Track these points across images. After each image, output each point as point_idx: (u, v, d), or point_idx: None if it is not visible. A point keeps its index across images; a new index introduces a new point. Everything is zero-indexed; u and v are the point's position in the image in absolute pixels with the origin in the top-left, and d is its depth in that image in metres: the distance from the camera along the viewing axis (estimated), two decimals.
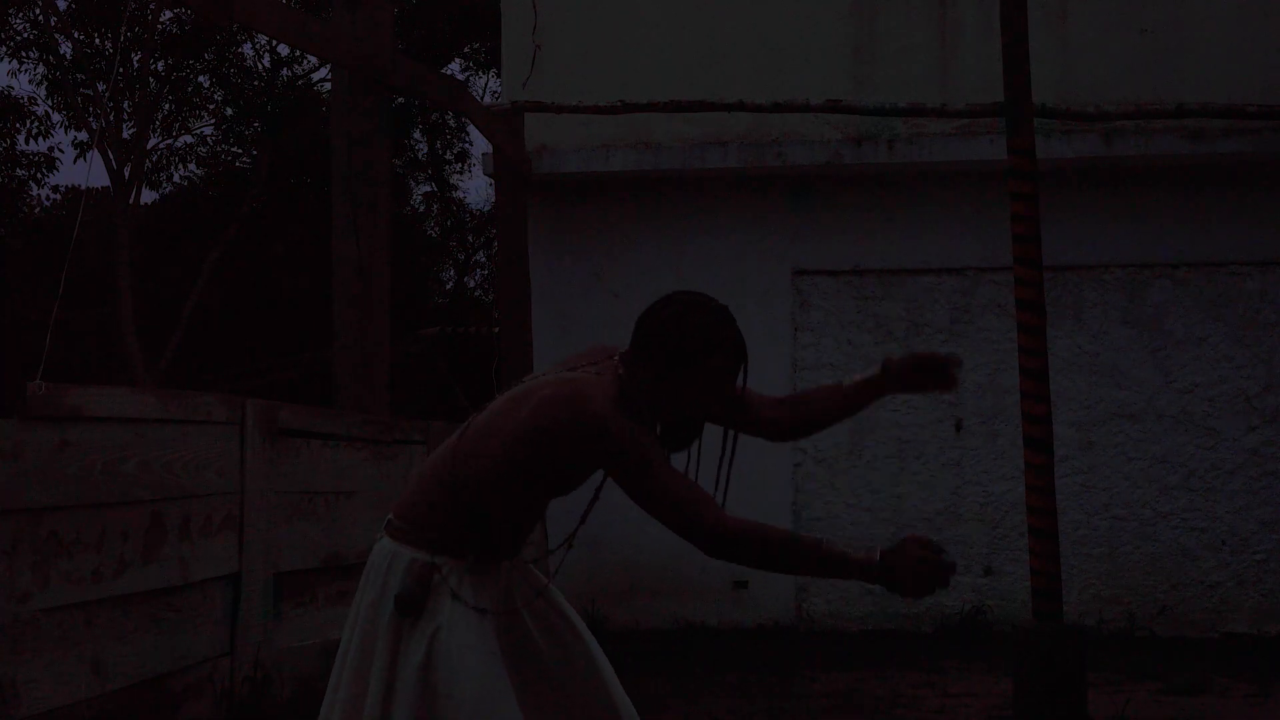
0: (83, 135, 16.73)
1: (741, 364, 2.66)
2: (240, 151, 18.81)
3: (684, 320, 2.62)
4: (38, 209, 20.00)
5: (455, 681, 2.56)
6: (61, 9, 16.71)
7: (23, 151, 17.45)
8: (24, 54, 16.91)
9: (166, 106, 17.64)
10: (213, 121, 18.28)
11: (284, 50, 17.98)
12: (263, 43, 17.77)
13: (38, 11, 16.70)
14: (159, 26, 16.58)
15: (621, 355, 2.69)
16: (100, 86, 16.43)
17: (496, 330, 10.88)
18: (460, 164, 20.16)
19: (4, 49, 16.86)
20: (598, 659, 2.84)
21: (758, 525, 2.51)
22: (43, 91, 17.55)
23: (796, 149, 8.30)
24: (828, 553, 2.45)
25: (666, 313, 2.65)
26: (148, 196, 18.95)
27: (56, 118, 17.29)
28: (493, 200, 11.88)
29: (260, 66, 18.19)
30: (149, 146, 17.36)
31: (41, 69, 16.95)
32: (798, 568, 2.51)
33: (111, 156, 16.42)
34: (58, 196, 19.85)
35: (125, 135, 16.86)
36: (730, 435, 2.81)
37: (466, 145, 19.94)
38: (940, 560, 2.40)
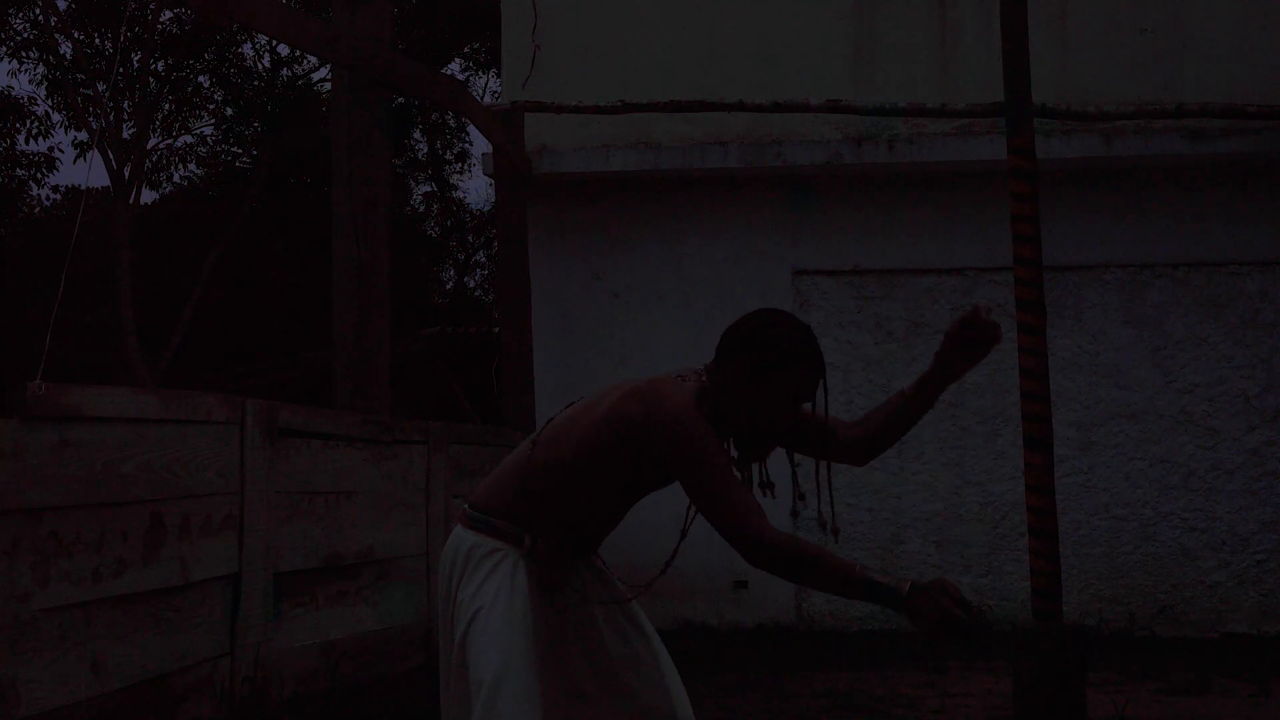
0: (83, 135, 16.73)
1: (820, 377, 2.73)
2: (240, 151, 18.82)
3: (767, 330, 2.71)
4: (38, 209, 20.01)
5: (481, 659, 2.66)
6: (61, 9, 16.71)
7: (23, 151, 17.45)
8: (24, 54, 16.91)
9: (166, 106, 17.64)
10: (213, 121, 18.29)
11: (284, 50, 17.99)
12: (263, 43, 17.78)
13: (38, 11, 16.70)
14: (159, 26, 16.57)
15: (706, 365, 2.79)
16: (100, 86, 16.43)
17: (496, 330, 10.87)
18: (460, 164, 20.18)
19: (4, 49, 16.87)
20: (666, 675, 2.90)
21: (798, 542, 2.59)
22: (43, 91, 17.58)
23: (796, 149, 8.30)
24: (860, 577, 2.53)
25: (753, 323, 2.74)
26: (148, 196, 18.97)
27: (56, 118, 17.32)
28: (493, 200, 11.88)
29: (260, 66, 18.20)
30: (149, 146, 17.36)
31: (41, 69, 16.96)
32: (828, 586, 2.59)
33: (111, 156, 16.41)
34: (58, 196, 19.85)
35: (125, 135, 16.85)
36: (824, 466, 2.91)
37: (466, 145, 19.95)
38: (962, 618, 2.44)
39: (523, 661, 2.66)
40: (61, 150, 21.13)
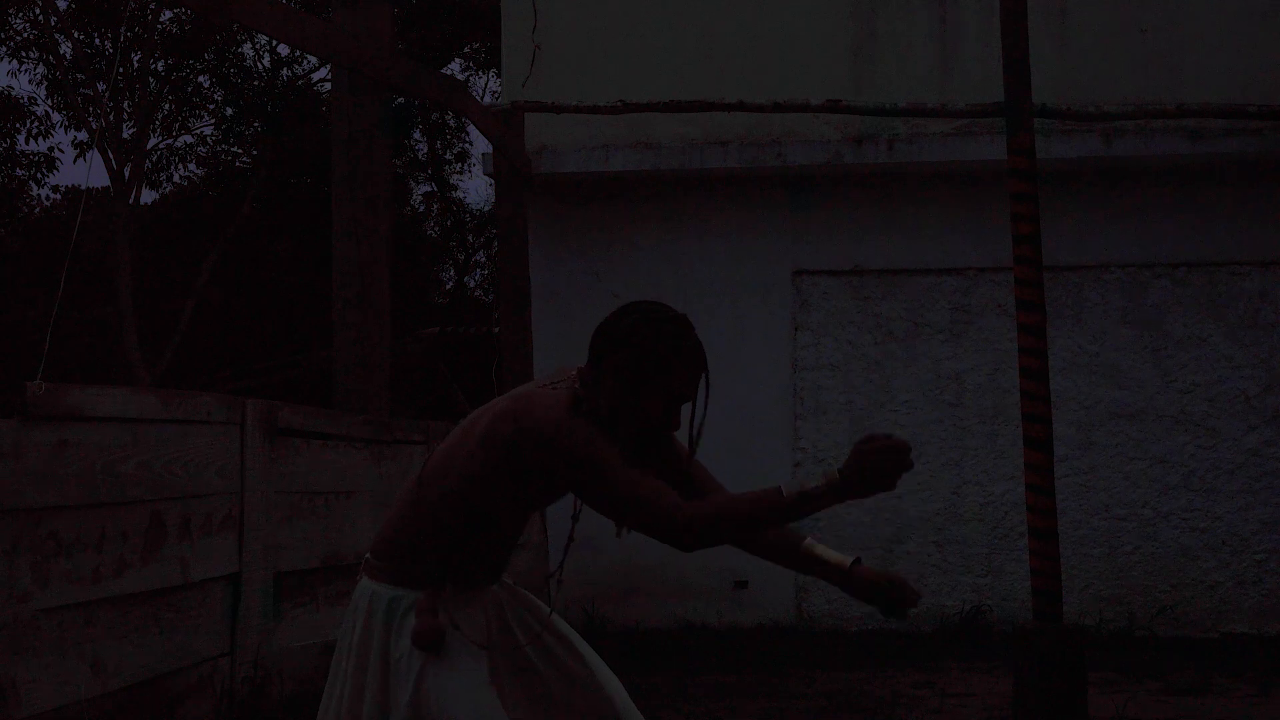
0: (83, 135, 16.73)
1: (701, 372, 2.61)
2: (240, 151, 18.81)
3: (645, 326, 2.57)
4: (38, 209, 20.00)
5: (447, 710, 2.54)
6: (61, 9, 16.71)
7: (23, 151, 17.44)
8: (24, 54, 16.91)
9: (166, 106, 17.64)
10: (213, 121, 18.27)
11: (284, 50, 17.99)
12: (263, 43, 17.77)
13: (38, 11, 16.70)
14: (159, 26, 16.57)
15: (579, 369, 2.67)
16: (100, 86, 16.43)
17: (496, 330, 10.88)
18: (460, 164, 20.14)
19: (4, 49, 16.86)
20: (602, 680, 2.81)
21: (715, 501, 2.49)
22: (43, 91, 17.58)
23: (796, 149, 8.30)
24: (791, 498, 2.41)
25: (625, 322, 2.60)
26: (148, 196, 18.95)
27: (56, 118, 17.30)
28: (493, 200, 11.88)
29: (260, 66, 18.19)
30: (149, 146, 17.36)
31: (41, 69, 16.95)
32: (769, 523, 2.48)
33: (111, 156, 16.41)
34: (58, 196, 19.84)
35: (125, 135, 16.86)
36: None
37: (466, 145, 19.93)
38: (891, 444, 2.33)
39: (489, 697, 2.58)
40: (61, 150, 21.09)
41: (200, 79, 17.69)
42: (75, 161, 18.90)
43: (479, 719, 2.53)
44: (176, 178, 18.47)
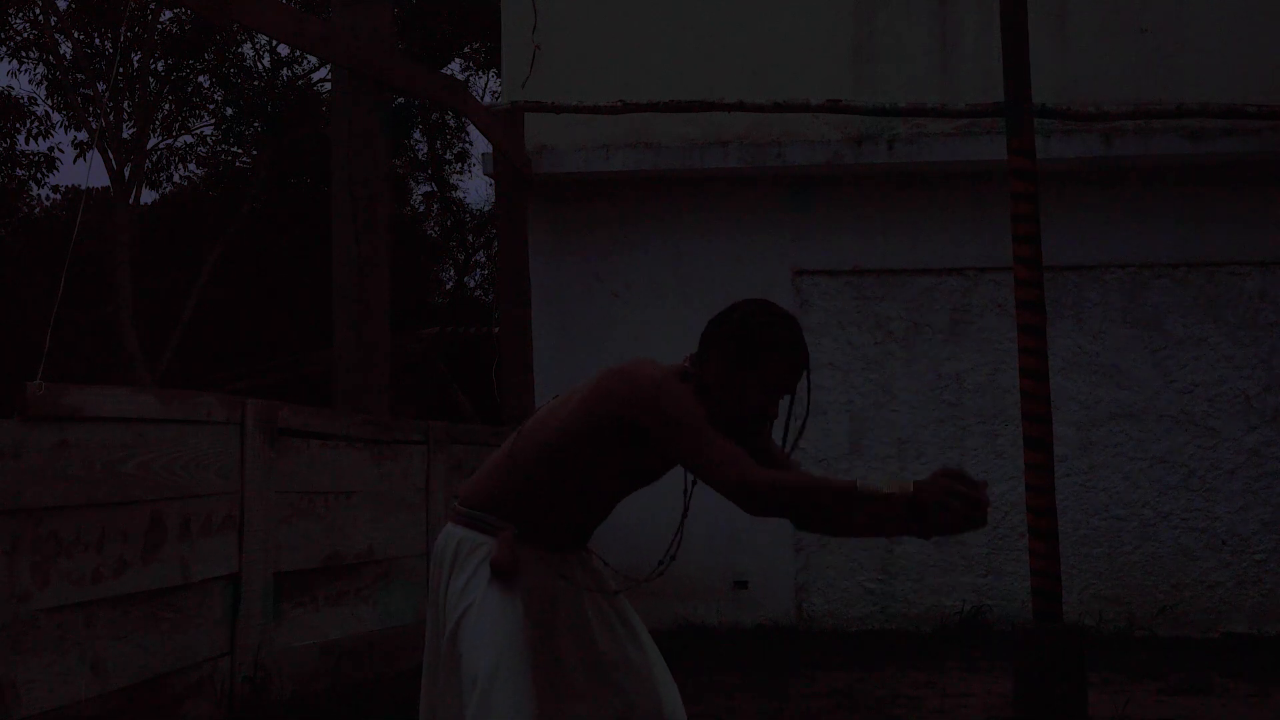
0: (83, 135, 16.73)
1: (803, 368, 2.70)
2: (240, 151, 18.80)
3: (752, 319, 2.70)
4: (38, 209, 20.00)
5: (474, 653, 2.65)
6: (61, 9, 16.70)
7: (23, 151, 17.44)
8: (24, 54, 16.90)
9: (166, 106, 17.63)
10: (213, 121, 18.26)
11: (284, 50, 17.98)
12: (263, 43, 17.77)
13: (38, 11, 16.70)
14: (159, 26, 16.57)
15: (689, 356, 2.78)
16: (100, 86, 16.43)
17: (496, 330, 10.87)
18: (460, 164, 20.15)
19: (4, 49, 16.86)
20: (656, 674, 2.89)
21: (793, 476, 2.58)
22: (43, 91, 17.57)
23: (796, 149, 8.30)
24: (863, 492, 2.46)
25: (736, 313, 2.73)
26: (148, 196, 18.95)
27: (56, 118, 17.30)
28: (493, 200, 11.87)
29: (260, 66, 18.18)
30: (149, 146, 17.35)
31: (41, 69, 16.94)
32: (834, 512, 2.56)
33: (111, 156, 16.41)
34: (58, 196, 19.84)
35: (125, 135, 16.85)
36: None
37: (466, 145, 19.93)
38: (975, 494, 2.36)
39: (515, 657, 2.66)
40: (61, 150, 21.12)
41: (200, 79, 17.69)
42: (75, 161, 18.91)
43: (495, 658, 2.63)
44: (176, 178, 18.49)
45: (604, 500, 2.86)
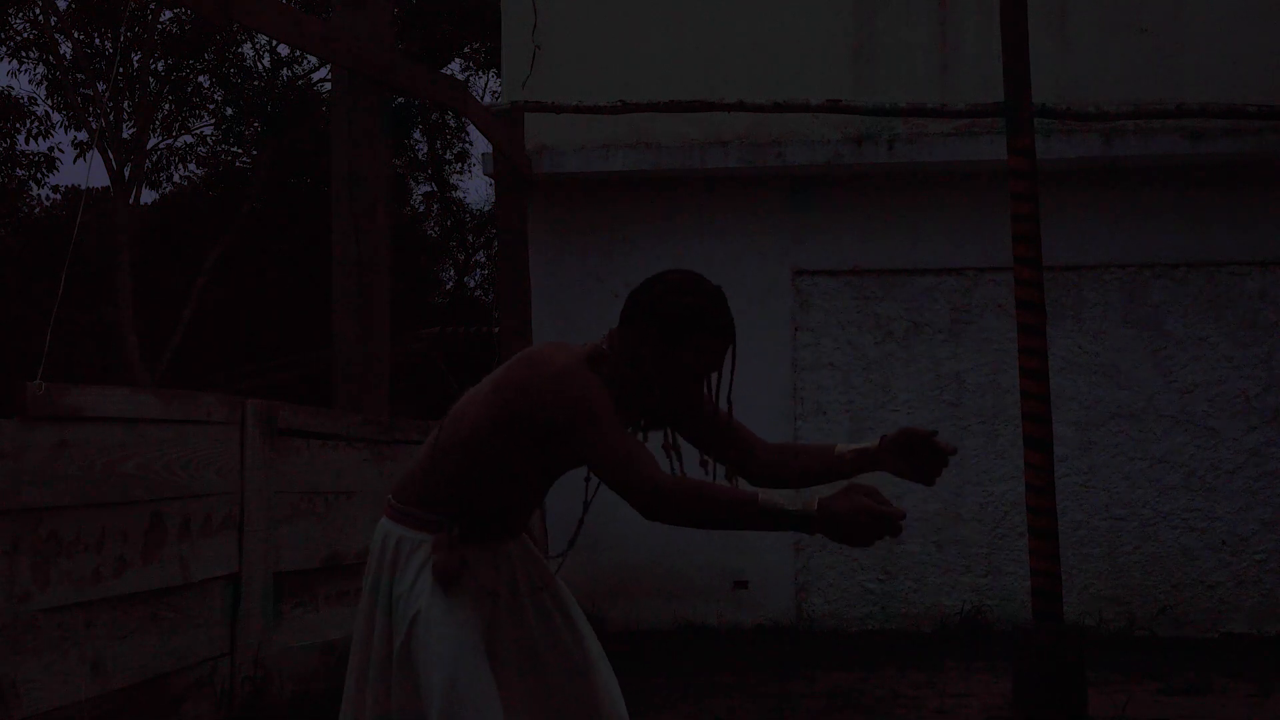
0: (83, 135, 16.73)
1: (729, 345, 2.60)
2: (240, 151, 18.80)
3: (676, 294, 2.57)
4: (38, 209, 19.99)
5: (429, 666, 2.58)
6: (61, 9, 16.70)
7: (23, 151, 17.44)
8: (24, 54, 16.90)
9: (166, 106, 17.63)
10: (213, 121, 18.27)
11: (284, 50, 17.98)
12: (263, 43, 17.77)
13: (38, 11, 16.70)
14: (159, 26, 16.57)
15: (610, 331, 2.66)
16: (100, 86, 16.43)
17: (496, 330, 10.87)
18: (460, 164, 20.16)
19: (4, 49, 16.86)
20: (593, 659, 2.82)
21: (695, 483, 2.44)
22: (43, 91, 17.57)
23: (796, 149, 8.30)
24: (764, 506, 2.38)
25: (659, 288, 2.60)
26: (148, 196, 18.95)
27: (56, 118, 17.30)
28: (493, 200, 11.87)
29: (260, 66, 18.18)
30: (149, 146, 17.36)
31: (41, 69, 16.95)
32: (733, 523, 2.44)
33: (111, 156, 16.41)
34: (58, 196, 19.83)
35: (125, 135, 16.85)
36: (674, 434, 2.77)
37: (466, 145, 19.94)
38: (882, 510, 2.29)
39: (474, 658, 2.60)
40: (61, 150, 21.13)
41: (200, 79, 17.69)
42: (75, 161, 18.92)
43: (454, 662, 2.56)
44: (176, 178, 18.49)
45: (531, 489, 2.75)
